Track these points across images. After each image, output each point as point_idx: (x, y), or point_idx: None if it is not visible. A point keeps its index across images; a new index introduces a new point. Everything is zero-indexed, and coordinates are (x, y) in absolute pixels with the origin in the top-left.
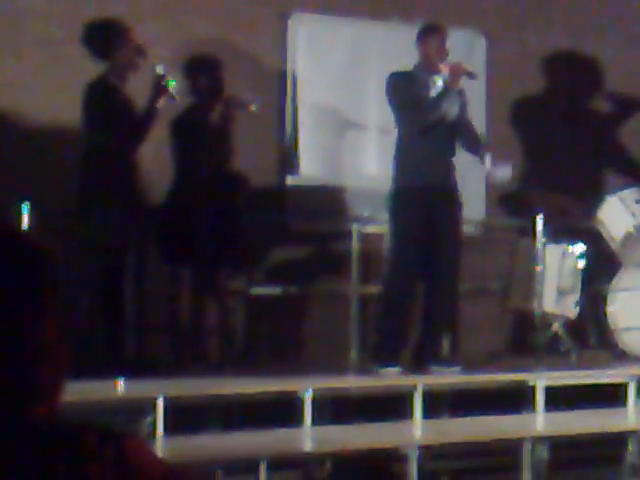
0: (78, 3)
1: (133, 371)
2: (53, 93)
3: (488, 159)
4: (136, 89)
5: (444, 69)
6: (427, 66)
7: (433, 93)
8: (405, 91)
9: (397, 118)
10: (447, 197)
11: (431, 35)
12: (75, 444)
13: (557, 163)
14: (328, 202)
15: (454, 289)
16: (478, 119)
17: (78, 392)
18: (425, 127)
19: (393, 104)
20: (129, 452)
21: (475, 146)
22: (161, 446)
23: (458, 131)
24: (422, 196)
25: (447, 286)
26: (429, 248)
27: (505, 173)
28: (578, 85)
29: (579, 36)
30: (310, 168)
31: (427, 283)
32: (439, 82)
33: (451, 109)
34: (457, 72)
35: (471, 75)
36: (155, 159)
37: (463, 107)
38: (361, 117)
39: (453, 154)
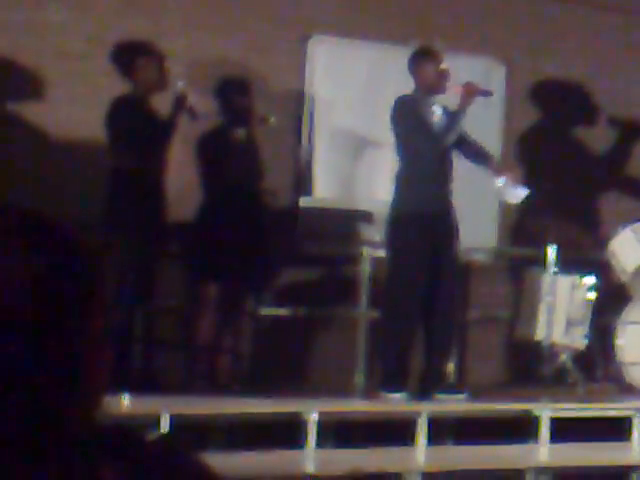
0: (102, 18)
1: (140, 386)
2: (75, 107)
3: (502, 180)
4: (161, 105)
5: (457, 90)
6: (427, 90)
7: (435, 118)
8: (413, 116)
9: (401, 143)
10: (446, 223)
11: (426, 59)
12: (119, 449)
13: (571, 193)
14: (340, 225)
15: (455, 316)
16: (495, 147)
17: None
18: (440, 151)
19: (399, 129)
20: (171, 461)
21: (483, 156)
22: None
23: (462, 147)
24: (422, 222)
25: (447, 313)
26: (429, 274)
27: (519, 193)
28: (593, 114)
29: (596, 64)
30: (324, 191)
31: (428, 310)
32: (438, 108)
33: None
34: (471, 92)
35: (486, 93)
36: (179, 177)
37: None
38: (377, 141)
39: (452, 179)
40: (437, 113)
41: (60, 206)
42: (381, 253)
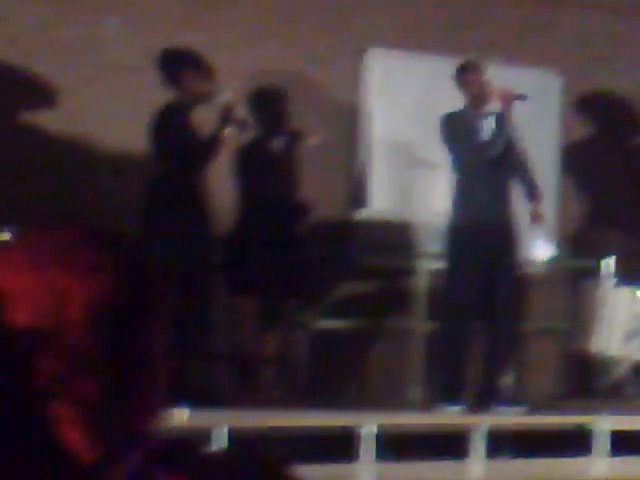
0: (155, 31)
1: (195, 401)
2: (127, 120)
3: (535, 234)
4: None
5: (494, 97)
6: (473, 102)
7: (485, 131)
8: (457, 130)
9: (452, 156)
10: (505, 234)
11: (467, 72)
12: (178, 462)
13: (629, 203)
14: (396, 237)
15: (513, 327)
16: (551, 161)
17: None
18: (491, 162)
19: (447, 144)
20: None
21: (530, 189)
22: None
23: (514, 171)
24: (479, 233)
25: (506, 325)
26: (487, 285)
27: (546, 250)
28: None
29: None
30: (380, 202)
31: (486, 322)
32: (488, 121)
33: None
34: (507, 97)
35: (521, 97)
36: (223, 188)
37: (515, 144)
38: (433, 153)
39: (510, 190)
40: (486, 125)
41: (104, 219)
42: (438, 265)
